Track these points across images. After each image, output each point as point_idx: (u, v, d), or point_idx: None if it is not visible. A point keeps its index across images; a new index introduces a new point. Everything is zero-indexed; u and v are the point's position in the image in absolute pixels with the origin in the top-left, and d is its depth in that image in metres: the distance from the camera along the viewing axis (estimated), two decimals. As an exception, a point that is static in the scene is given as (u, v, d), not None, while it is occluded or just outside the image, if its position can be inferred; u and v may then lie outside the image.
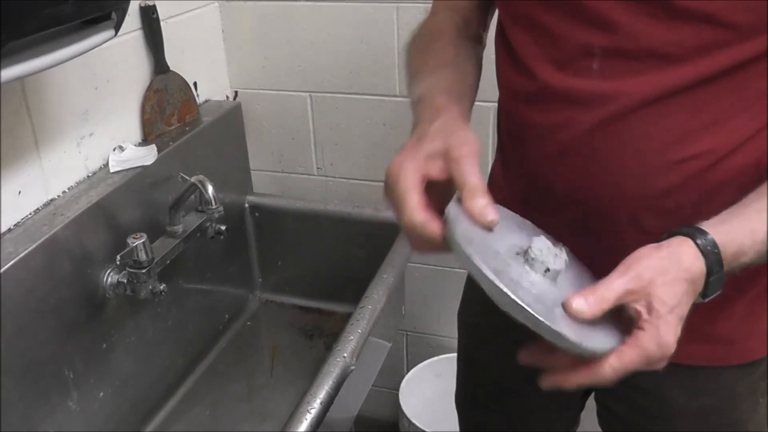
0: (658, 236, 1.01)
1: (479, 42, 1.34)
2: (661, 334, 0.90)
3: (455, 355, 2.41)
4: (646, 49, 1.02)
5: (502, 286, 0.87)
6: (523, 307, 0.86)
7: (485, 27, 1.35)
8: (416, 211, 0.94)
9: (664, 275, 0.91)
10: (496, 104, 1.31)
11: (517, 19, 1.15)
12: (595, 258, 1.10)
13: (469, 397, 1.64)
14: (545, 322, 0.86)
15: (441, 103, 1.08)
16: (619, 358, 0.91)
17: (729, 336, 1.21)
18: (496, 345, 1.44)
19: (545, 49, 1.11)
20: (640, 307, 0.91)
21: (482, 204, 0.93)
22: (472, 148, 0.96)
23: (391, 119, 2.11)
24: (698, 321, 1.09)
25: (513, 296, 0.87)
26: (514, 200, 1.12)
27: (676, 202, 1.09)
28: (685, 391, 1.26)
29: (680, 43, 1.01)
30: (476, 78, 1.26)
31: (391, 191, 0.97)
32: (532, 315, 0.86)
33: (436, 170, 0.96)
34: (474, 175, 0.94)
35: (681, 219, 1.03)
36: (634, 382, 1.26)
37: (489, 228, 0.94)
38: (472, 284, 1.56)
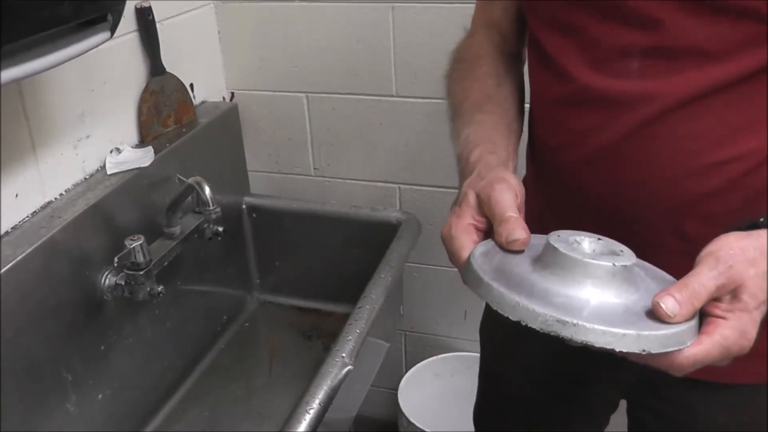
0: (702, 244, 0.95)
1: (519, 58, 1.32)
2: (744, 327, 0.84)
3: (454, 354, 2.41)
4: (687, 46, 1.00)
5: (510, 294, 0.83)
6: (534, 311, 0.81)
7: (523, 42, 1.32)
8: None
9: (755, 267, 0.86)
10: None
11: (551, 23, 1.13)
12: None
13: (492, 413, 1.62)
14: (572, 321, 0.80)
15: (475, 158, 1.06)
16: (698, 348, 0.84)
17: (764, 350, 1.12)
18: (521, 359, 1.43)
19: (582, 52, 1.09)
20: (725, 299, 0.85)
21: (510, 227, 0.91)
22: (502, 184, 0.94)
23: (388, 119, 2.11)
24: None
25: (519, 300, 0.82)
26: (546, 212, 1.08)
27: (719, 208, 1.05)
28: (722, 409, 1.23)
29: (722, 39, 0.98)
30: (519, 106, 1.24)
31: (451, 255, 0.97)
32: (556, 318, 0.81)
33: (482, 223, 0.96)
34: (502, 206, 0.92)
35: (726, 226, 0.98)
36: (671, 397, 1.25)
37: (517, 249, 0.91)
38: None
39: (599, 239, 0.91)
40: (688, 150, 1.03)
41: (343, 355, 1.46)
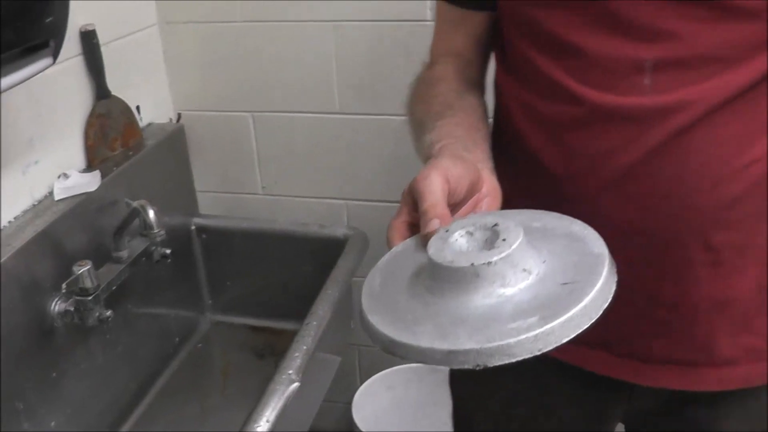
0: (725, 253, 1.03)
1: (481, 86, 1.28)
2: None
3: (407, 366, 2.43)
4: (701, 55, 0.99)
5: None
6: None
7: (484, 72, 1.30)
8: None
9: None
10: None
11: (551, 46, 1.08)
12: (658, 285, 1.11)
13: None
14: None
15: (437, 151, 1.00)
16: None
17: None
18: (489, 410, 1.43)
19: (588, 72, 1.05)
20: None
21: (424, 221, 0.85)
22: (430, 172, 0.89)
23: (333, 136, 2.14)
24: (755, 339, 1.13)
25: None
26: None
27: (742, 213, 1.06)
28: (735, 417, 1.23)
29: (734, 45, 0.98)
30: (483, 116, 1.18)
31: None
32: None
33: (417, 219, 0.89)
34: (423, 198, 0.87)
35: (746, 231, 1.05)
36: (686, 415, 1.26)
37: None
38: None
39: (482, 228, 0.83)
40: (713, 159, 1.02)
41: (290, 372, 1.47)
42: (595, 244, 0.82)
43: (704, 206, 1.04)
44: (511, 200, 1.02)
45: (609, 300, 0.75)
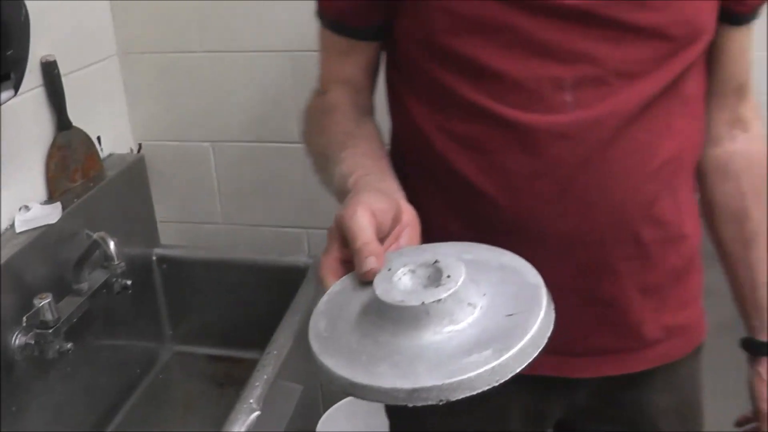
0: (653, 247, 1.15)
1: (372, 113, 1.29)
2: None
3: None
4: (614, 71, 1.06)
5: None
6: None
7: (373, 96, 1.31)
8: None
9: None
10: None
11: (468, 72, 1.10)
12: (595, 284, 1.17)
13: None
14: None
15: (352, 184, 1.00)
16: None
17: (688, 323, 1.30)
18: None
19: (509, 95, 1.08)
20: None
21: (359, 258, 0.84)
22: (356, 209, 0.88)
23: (292, 165, 2.14)
24: (670, 317, 1.23)
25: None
26: None
27: (662, 210, 1.16)
28: (662, 392, 1.32)
29: (640, 60, 1.07)
30: (381, 143, 1.20)
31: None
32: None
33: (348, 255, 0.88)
34: (354, 235, 0.86)
35: (667, 225, 1.18)
36: (619, 400, 1.33)
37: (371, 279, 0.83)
38: None
39: (423, 265, 0.83)
40: (631, 165, 1.10)
41: (251, 401, 1.48)
42: (529, 274, 0.84)
43: (631, 207, 1.13)
44: (444, 225, 1.10)
45: (552, 327, 0.78)
